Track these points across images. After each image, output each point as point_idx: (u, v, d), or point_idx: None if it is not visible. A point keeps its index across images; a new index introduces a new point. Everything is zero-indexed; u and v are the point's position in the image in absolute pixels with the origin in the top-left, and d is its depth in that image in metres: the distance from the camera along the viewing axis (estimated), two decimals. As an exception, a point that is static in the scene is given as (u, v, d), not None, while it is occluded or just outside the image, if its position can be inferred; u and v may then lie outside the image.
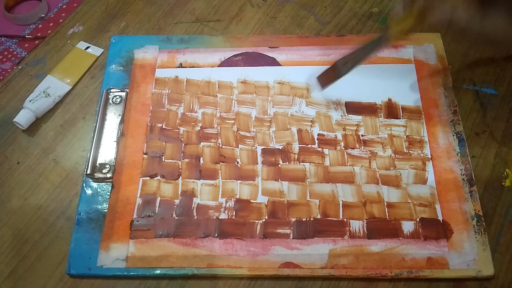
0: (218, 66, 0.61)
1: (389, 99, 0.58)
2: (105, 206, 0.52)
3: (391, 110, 0.57)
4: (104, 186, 0.53)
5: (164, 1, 0.69)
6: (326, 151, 0.55)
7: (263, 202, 0.52)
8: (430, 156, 0.54)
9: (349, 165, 0.54)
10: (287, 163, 0.54)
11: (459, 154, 0.54)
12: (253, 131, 0.57)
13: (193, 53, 0.63)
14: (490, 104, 0.58)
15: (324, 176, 0.53)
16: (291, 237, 0.50)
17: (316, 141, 0.56)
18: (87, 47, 0.65)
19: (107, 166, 0.55)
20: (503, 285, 0.47)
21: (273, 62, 0.62)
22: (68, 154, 0.57)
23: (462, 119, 0.57)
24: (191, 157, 0.55)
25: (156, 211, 0.52)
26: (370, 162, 0.54)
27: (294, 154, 0.55)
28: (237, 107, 0.59)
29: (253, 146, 0.56)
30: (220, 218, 0.51)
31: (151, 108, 0.58)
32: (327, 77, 0.57)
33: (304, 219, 0.51)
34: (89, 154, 0.55)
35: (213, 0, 0.69)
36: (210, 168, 0.54)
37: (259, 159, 0.55)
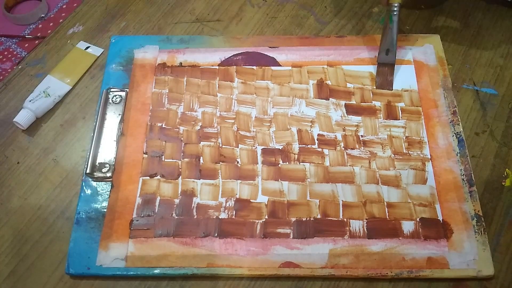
0: (218, 66, 0.62)
1: (389, 100, 0.58)
2: (104, 205, 0.52)
3: (390, 111, 0.57)
4: (103, 186, 0.53)
5: (164, 1, 0.69)
6: (326, 151, 0.55)
7: (263, 202, 0.52)
8: (429, 157, 0.54)
9: (349, 165, 0.54)
10: (287, 163, 0.54)
11: (458, 154, 0.54)
12: (253, 131, 0.57)
13: (193, 53, 0.63)
14: (490, 104, 0.58)
15: (324, 176, 0.53)
16: (291, 236, 0.50)
17: (316, 141, 0.56)
18: (87, 47, 0.65)
19: (107, 165, 0.55)
20: (503, 285, 0.47)
21: (273, 62, 0.62)
22: (68, 154, 0.57)
23: (462, 119, 0.57)
24: (191, 156, 0.55)
25: (156, 211, 0.52)
26: (369, 162, 0.54)
27: (294, 154, 0.55)
28: (237, 106, 0.59)
29: (253, 146, 0.56)
30: (220, 217, 0.51)
31: (151, 107, 0.58)
32: (385, 77, 0.59)
33: (304, 219, 0.51)
34: (88, 154, 0.55)
35: (213, 0, 0.69)
36: (210, 168, 0.54)
37: (259, 159, 0.55)
